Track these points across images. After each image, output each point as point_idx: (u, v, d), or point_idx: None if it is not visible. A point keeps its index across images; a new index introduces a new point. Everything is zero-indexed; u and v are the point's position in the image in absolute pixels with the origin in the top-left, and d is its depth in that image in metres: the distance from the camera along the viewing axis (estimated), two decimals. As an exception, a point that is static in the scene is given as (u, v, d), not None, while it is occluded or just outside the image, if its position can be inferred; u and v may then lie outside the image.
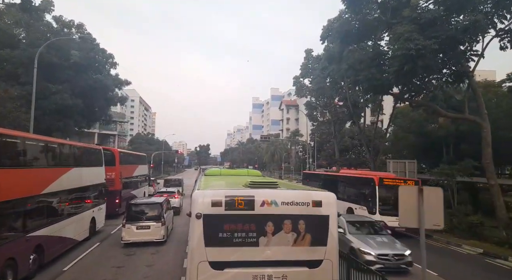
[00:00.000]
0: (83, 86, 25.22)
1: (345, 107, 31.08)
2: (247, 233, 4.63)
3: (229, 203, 4.62)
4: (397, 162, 18.45)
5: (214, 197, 4.67)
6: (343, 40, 16.62)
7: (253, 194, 4.74)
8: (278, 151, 71.53)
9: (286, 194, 4.92)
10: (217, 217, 4.61)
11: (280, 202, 4.72)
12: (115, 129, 60.55)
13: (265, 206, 4.66)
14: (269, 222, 4.66)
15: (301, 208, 4.75)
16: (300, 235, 4.72)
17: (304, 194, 5.02)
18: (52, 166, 9.82)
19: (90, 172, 12.79)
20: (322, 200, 4.86)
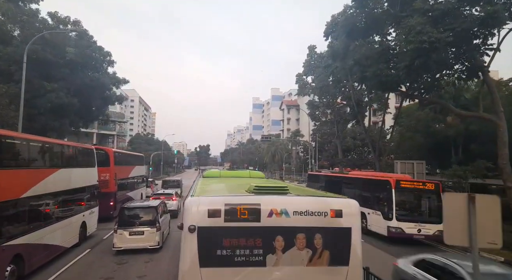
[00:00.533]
0: (79, 85, 24.52)
1: (348, 106, 30.31)
2: (251, 250, 3.80)
3: (229, 212, 3.82)
4: (405, 163, 17.64)
5: (212, 206, 3.85)
6: (349, 34, 15.85)
7: (258, 202, 3.92)
8: (278, 151, 70.76)
9: (299, 201, 4.10)
10: (215, 230, 3.80)
11: (291, 211, 3.93)
12: (114, 129, 59.81)
13: (274, 217, 3.87)
14: (278, 237, 3.85)
15: (318, 219, 3.96)
16: (316, 252, 3.91)
17: (321, 201, 4.18)
18: (35, 167, 9.01)
19: (80, 173, 11.99)
20: (343, 209, 4.05)
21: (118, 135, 63.43)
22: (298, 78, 28.58)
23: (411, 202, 13.07)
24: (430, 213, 12.85)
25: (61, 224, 10.05)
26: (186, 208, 3.93)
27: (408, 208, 12.89)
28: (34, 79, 21.90)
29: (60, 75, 23.49)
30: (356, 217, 4.14)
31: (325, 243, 3.91)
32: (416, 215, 12.84)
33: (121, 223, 10.57)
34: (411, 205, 13.11)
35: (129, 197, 20.83)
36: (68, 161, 11.21)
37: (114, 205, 17.34)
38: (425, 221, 12.37)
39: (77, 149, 12.54)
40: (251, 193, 4.29)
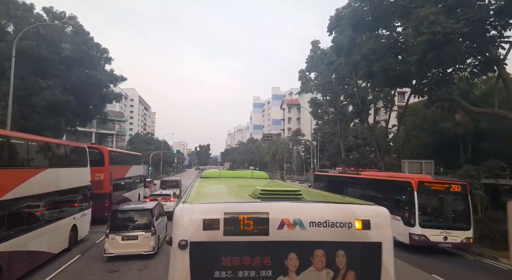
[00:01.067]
0: (75, 82, 23.84)
1: (351, 104, 29.58)
2: (258, 271, 2.94)
3: (230, 223, 2.95)
4: (413, 163, 16.90)
5: (208, 215, 2.98)
6: (356, 28, 15.12)
7: (266, 210, 3.04)
8: (279, 151, 70.07)
9: (317, 209, 3.21)
10: (212, 246, 2.95)
11: (307, 222, 3.04)
12: (113, 128, 59.16)
13: (286, 229, 3.01)
14: (291, 254, 3.01)
15: (340, 231, 3.07)
16: (339, 273, 3.04)
17: (344, 209, 3.29)
18: (17, 166, 8.21)
19: (71, 174, 11.18)
20: (371, 218, 3.13)
21: (118, 135, 62.78)
22: (301, 74, 27.83)
23: (436, 206, 11.78)
24: (457, 218, 11.72)
25: (48, 228, 9.32)
26: (176, 219, 3.04)
27: (433, 213, 11.61)
28: (29, 76, 21.25)
29: (56, 72, 22.82)
30: (388, 229, 3.21)
31: (349, 262, 3.07)
32: (442, 220, 11.61)
33: (113, 227, 9.83)
34: (436, 209, 11.78)
35: (125, 198, 20.05)
36: (57, 160, 10.49)
37: (109, 206, 16.45)
38: (451, 227, 11.23)
39: (67, 147, 11.74)
40: (256, 199, 3.45)
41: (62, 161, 10.91)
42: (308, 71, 27.54)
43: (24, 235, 8.06)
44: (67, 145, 12.12)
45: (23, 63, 21.33)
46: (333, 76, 24.93)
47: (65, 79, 23.43)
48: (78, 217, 11.64)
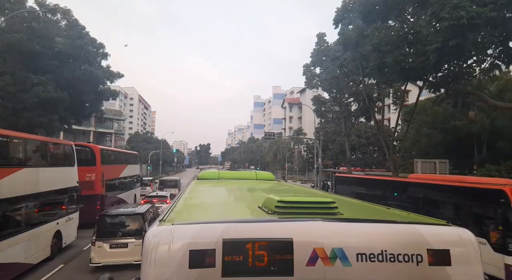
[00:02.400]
0: (69, 78, 22.84)
1: (356, 102, 28.50)
2: None
3: (232, 255, 1.80)
4: (426, 162, 15.84)
5: (198, 241, 1.83)
6: (366, 17, 14.06)
7: (290, 235, 1.88)
8: (281, 150, 69.09)
9: (366, 232, 1.98)
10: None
11: (354, 254, 1.87)
12: (112, 127, 58.17)
13: (320, 264, 1.83)
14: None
15: (405, 268, 1.88)
16: None
17: (409, 233, 2.01)
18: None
19: (54, 174, 10.10)
20: (451, 248, 1.96)
21: (116, 134, 61.77)
22: (305, 69, 26.72)
23: None
24: None
25: (25, 235, 8.21)
26: (147, 249, 1.85)
27: None
28: (20, 71, 20.29)
29: (49, 67, 21.85)
30: (477, 264, 2.00)
31: None
32: None
33: (101, 233, 8.76)
34: None
35: (120, 199, 18.79)
36: (37, 159, 9.52)
37: (100, 209, 14.95)
38: None
39: (48, 144, 10.57)
40: (271, 214, 2.21)
41: (43, 159, 9.93)
42: (313, 66, 26.43)
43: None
44: (49, 141, 10.92)
45: (14, 58, 20.40)
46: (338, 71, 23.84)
47: (58, 75, 22.46)
48: (63, 221, 10.54)
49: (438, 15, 10.42)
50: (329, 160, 60.86)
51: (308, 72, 27.24)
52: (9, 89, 19.26)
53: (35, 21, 21.84)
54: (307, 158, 67.49)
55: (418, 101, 21.84)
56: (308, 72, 27.19)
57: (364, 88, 22.32)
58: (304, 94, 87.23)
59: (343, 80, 24.54)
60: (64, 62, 22.89)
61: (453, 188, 9.89)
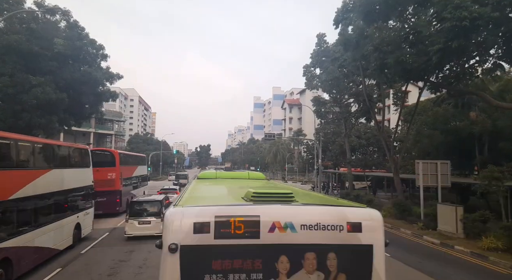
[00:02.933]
0: (69, 79, 22.74)
1: (357, 103, 28.38)
2: (249, 274, 2.93)
3: (221, 226, 2.93)
4: (427, 163, 15.71)
5: (199, 218, 2.95)
6: (367, 17, 13.94)
7: (257, 213, 3.01)
8: (280, 151, 68.95)
9: (308, 212, 3.19)
10: (202, 250, 2.93)
11: (299, 225, 3.03)
12: (112, 128, 58.02)
13: (277, 232, 3.00)
14: (282, 257, 3.00)
15: (331, 234, 3.06)
16: (329, 276, 3.03)
17: (335, 212, 3.22)
18: (24, 168, 8.75)
19: (74, 174, 11.75)
20: (363, 221, 3.12)
21: (116, 135, 61.62)
22: (305, 70, 26.56)
23: None
24: None
25: (54, 226, 9.81)
26: (166, 222, 2.98)
27: None
28: (19, 72, 20.20)
29: (48, 68, 21.74)
30: (379, 232, 3.17)
31: (340, 265, 3.05)
32: None
33: (131, 214, 12.38)
34: None
35: (132, 195, 21.64)
36: (61, 162, 10.99)
37: (119, 202, 18.49)
38: None
39: (70, 149, 12.24)
40: (248, 202, 3.32)
41: (66, 162, 11.45)
42: (313, 66, 26.25)
43: (31, 232, 8.55)
44: (71, 146, 12.60)
45: (12, 59, 20.28)
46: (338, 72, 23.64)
47: (57, 76, 22.36)
48: (82, 215, 12.14)
49: (440, 15, 10.31)
50: (329, 161, 60.74)
51: (308, 73, 27.10)
52: (8, 91, 19.17)
53: (34, 22, 21.75)
54: (307, 159, 67.32)
55: (420, 102, 21.73)
56: (308, 73, 27.04)
57: (364, 88, 22.21)
58: (304, 95, 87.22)
59: (343, 80, 24.38)
60: (63, 63, 22.79)
61: None
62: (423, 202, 15.78)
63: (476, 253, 10.82)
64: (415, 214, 16.49)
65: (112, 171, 18.46)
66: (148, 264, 9.36)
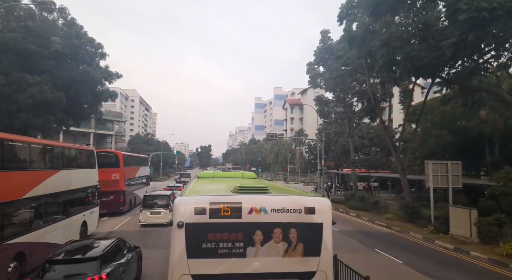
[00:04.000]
0: (66, 78, 22.22)
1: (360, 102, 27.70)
2: (233, 243, 4.23)
3: (214, 210, 4.22)
4: (438, 164, 15.06)
5: (198, 204, 4.26)
6: (375, 11, 13.30)
7: (240, 201, 4.32)
8: (282, 151, 68.31)
9: (276, 200, 4.51)
10: (200, 226, 4.21)
11: (269, 209, 4.32)
12: (112, 129, 57.50)
13: (253, 214, 4.28)
14: (257, 231, 4.28)
15: (293, 215, 4.36)
16: (291, 245, 4.34)
17: (296, 200, 4.56)
18: (36, 168, 9.23)
19: (81, 175, 12.27)
20: (316, 206, 4.44)
21: (117, 135, 61.11)
22: (309, 67, 25.87)
23: None
24: None
25: (62, 223, 10.27)
26: (176, 207, 4.32)
27: None
28: (15, 71, 19.68)
29: (45, 67, 21.21)
30: (328, 214, 4.44)
31: (299, 237, 4.30)
32: None
33: (145, 206, 15.18)
34: None
35: (135, 195, 22.52)
36: (69, 163, 11.43)
37: (123, 202, 19.06)
38: None
39: (77, 150, 12.79)
40: (234, 193, 4.61)
41: (73, 163, 11.94)
42: (317, 64, 25.50)
43: (42, 228, 9.04)
44: (78, 148, 13.31)
45: (8, 58, 19.76)
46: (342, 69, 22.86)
47: (55, 75, 21.85)
48: (88, 214, 12.64)
49: (453, 6, 9.69)
50: (331, 161, 60.05)
51: (311, 70, 26.38)
52: (3, 90, 18.64)
53: (30, 20, 21.22)
54: (309, 159, 66.68)
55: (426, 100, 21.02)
56: (312, 71, 26.32)
57: (369, 87, 21.56)
58: (305, 94, 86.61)
59: (347, 79, 23.64)
60: (61, 62, 22.27)
61: None
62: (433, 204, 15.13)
63: (495, 260, 10.19)
64: (424, 216, 15.85)
65: (116, 172, 18.91)
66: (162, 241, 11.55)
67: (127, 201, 19.72)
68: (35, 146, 9.41)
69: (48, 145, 10.31)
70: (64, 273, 5.77)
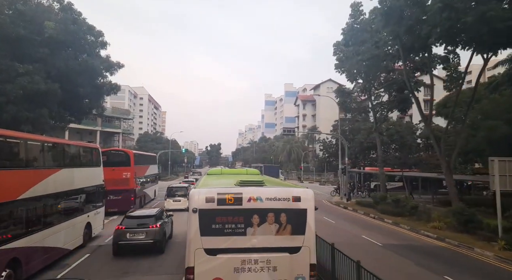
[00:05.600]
0: (62, 68, 20.09)
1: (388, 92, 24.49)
2: (236, 225, 5.37)
3: (220, 199, 5.35)
4: (505, 161, 12.04)
5: (208, 194, 5.40)
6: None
7: (241, 192, 5.46)
8: (295, 149, 65.32)
9: (270, 191, 5.64)
10: (210, 211, 5.34)
11: (264, 198, 5.45)
12: (120, 126, 55.79)
13: (252, 202, 5.40)
14: (255, 215, 5.40)
15: (283, 203, 5.48)
16: (281, 226, 5.46)
17: (285, 191, 5.70)
18: (33, 167, 8.67)
19: (84, 173, 11.72)
20: (301, 196, 5.58)
21: (124, 133, 59.44)
22: (336, 48, 22.62)
23: None
24: None
25: (63, 225, 9.76)
26: (191, 196, 5.51)
27: None
28: (3, 59, 17.62)
29: (38, 55, 19.10)
30: (311, 202, 5.61)
31: (288, 219, 5.47)
32: None
33: (169, 195, 19.61)
34: None
35: (145, 193, 22.87)
36: (71, 161, 10.95)
37: (134, 200, 19.20)
38: None
39: (80, 148, 12.18)
40: (237, 186, 5.78)
41: (76, 161, 11.37)
42: (346, 44, 21.88)
43: (40, 232, 8.43)
44: (81, 146, 12.52)
45: (-4, 44, 17.79)
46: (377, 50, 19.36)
47: (49, 65, 19.75)
48: (92, 215, 12.16)
49: None
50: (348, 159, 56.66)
51: (339, 52, 22.98)
52: (-12, 79, 16.58)
53: (22, 3, 19.11)
54: (323, 157, 63.45)
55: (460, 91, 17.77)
56: (340, 52, 22.92)
57: (404, 71, 18.42)
58: (318, 90, 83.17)
59: (379, 63, 20.16)
60: (56, 50, 20.17)
61: None
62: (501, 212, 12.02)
63: None
64: (486, 227, 12.79)
65: (127, 170, 19.03)
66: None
67: (137, 199, 19.86)
68: (32, 143, 8.82)
69: (46, 142, 9.64)
70: (136, 223, 10.54)
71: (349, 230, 15.16)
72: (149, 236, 10.00)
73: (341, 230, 14.88)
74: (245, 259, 5.23)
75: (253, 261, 5.24)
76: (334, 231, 14.23)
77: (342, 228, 15.65)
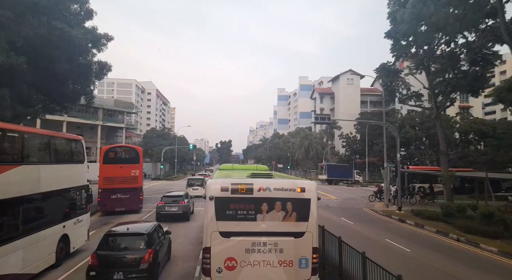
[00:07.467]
0: (30, 37, 15.50)
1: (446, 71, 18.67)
2: (247, 211, 5.99)
3: (234, 189, 5.98)
4: None
5: (223, 184, 6.04)
6: None
7: (252, 182, 6.13)
8: (313, 146, 59.58)
9: (278, 182, 6.29)
10: (225, 199, 5.95)
11: (273, 188, 6.06)
12: (123, 121, 51.56)
13: (261, 191, 6.01)
14: (264, 203, 6.00)
15: (289, 192, 6.09)
16: (288, 213, 6.04)
17: (292, 182, 6.40)
18: None
19: (59, 172, 9.38)
20: (306, 187, 6.19)
21: (128, 128, 55.19)
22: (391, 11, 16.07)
23: None
24: None
25: (23, 242, 7.51)
26: (208, 186, 6.22)
27: None
28: None
29: (-4, 19, 14.40)
30: (314, 192, 6.22)
31: (293, 208, 6.07)
32: None
33: (189, 184, 25.10)
34: None
35: None
36: (37, 155, 8.80)
37: (142, 199, 18.50)
38: None
39: (54, 139, 9.63)
40: (248, 177, 6.67)
41: (45, 156, 9.14)
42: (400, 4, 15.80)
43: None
44: (53, 136, 9.80)
45: None
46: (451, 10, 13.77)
47: (12, 33, 15.19)
48: (70, 224, 9.82)
49: None
50: (374, 156, 50.66)
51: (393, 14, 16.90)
52: None
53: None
54: (345, 155, 57.58)
55: None
56: (393, 14, 17.02)
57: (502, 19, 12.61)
58: (337, 82, 76.79)
59: (454, 23, 14.36)
60: (21, 15, 15.54)
61: None
62: None
63: None
64: None
65: (136, 168, 18.21)
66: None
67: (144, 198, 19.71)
68: None
69: None
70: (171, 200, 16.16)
71: (450, 272, 8.96)
72: (180, 209, 15.29)
73: (434, 271, 9.07)
74: (255, 241, 5.95)
75: (262, 244, 5.96)
76: (424, 273, 8.69)
77: (429, 264, 9.67)
